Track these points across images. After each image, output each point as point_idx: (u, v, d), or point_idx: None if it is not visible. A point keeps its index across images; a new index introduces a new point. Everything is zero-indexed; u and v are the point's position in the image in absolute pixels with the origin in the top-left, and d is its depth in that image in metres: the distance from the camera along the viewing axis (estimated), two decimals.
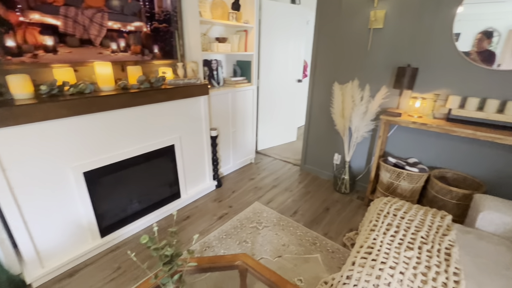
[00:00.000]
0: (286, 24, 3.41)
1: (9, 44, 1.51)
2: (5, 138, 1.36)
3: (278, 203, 2.49)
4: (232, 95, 2.81)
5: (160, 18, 2.20)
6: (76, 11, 1.72)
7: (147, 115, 1.99)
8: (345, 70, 2.55)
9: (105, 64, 1.83)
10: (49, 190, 1.57)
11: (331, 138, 2.86)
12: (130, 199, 2.07)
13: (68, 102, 1.54)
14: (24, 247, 1.52)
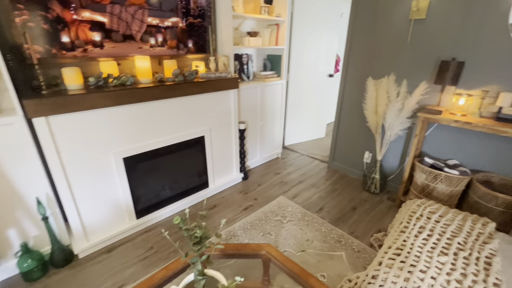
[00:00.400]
0: (319, 17, 3.32)
1: (64, 40, 1.68)
2: (59, 124, 1.53)
3: (304, 199, 2.48)
4: (261, 89, 2.83)
5: (195, 13, 2.28)
6: (121, 9, 1.86)
7: (180, 107, 2.09)
8: (381, 65, 2.43)
9: (144, 58, 1.95)
10: (94, 173, 1.74)
11: (362, 136, 2.75)
12: (163, 186, 2.21)
13: (112, 93, 1.68)
14: (73, 222, 1.71)
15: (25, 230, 1.61)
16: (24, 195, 1.56)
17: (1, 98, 1.57)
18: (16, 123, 1.44)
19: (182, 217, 0.87)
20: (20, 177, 1.52)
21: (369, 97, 2.42)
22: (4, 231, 1.54)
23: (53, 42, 1.65)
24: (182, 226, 0.86)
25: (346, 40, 2.64)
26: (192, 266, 0.86)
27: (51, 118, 1.49)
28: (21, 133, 1.47)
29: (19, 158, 1.50)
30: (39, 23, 1.57)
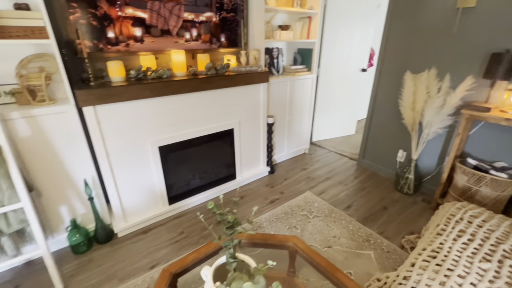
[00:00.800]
0: (353, 9, 3.18)
1: (110, 35, 1.82)
2: (104, 113, 1.67)
3: (331, 195, 2.44)
4: (291, 83, 2.81)
5: (228, 7, 2.32)
6: (160, 5, 1.95)
7: (212, 99, 2.16)
8: (421, 58, 2.28)
9: (179, 52, 2.04)
10: (133, 159, 1.87)
11: (396, 133, 2.62)
12: (193, 175, 2.31)
13: (150, 85, 1.78)
14: (114, 203, 1.86)
15: (74, 208, 1.80)
16: (73, 176, 1.73)
17: (56, 89, 1.75)
18: (69, 111, 1.60)
19: (216, 203, 0.91)
20: (71, 160, 1.69)
21: (406, 93, 2.29)
22: (58, 207, 1.73)
23: (100, 37, 1.79)
24: (215, 211, 0.90)
25: (383, 32, 2.51)
26: (224, 249, 0.90)
27: (98, 108, 1.63)
28: (72, 120, 1.62)
29: (70, 143, 1.66)
30: (89, 20, 1.71)
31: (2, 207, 1.32)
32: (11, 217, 1.37)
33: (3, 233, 1.37)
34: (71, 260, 1.73)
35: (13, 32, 1.39)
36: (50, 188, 1.67)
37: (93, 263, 1.71)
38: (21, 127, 1.48)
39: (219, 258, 0.97)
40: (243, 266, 0.91)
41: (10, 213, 1.36)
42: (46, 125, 1.55)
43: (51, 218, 1.72)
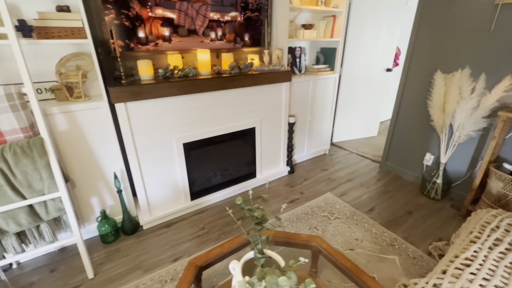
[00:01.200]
0: (380, 7, 3.09)
1: (140, 35, 1.89)
2: (134, 109, 1.74)
3: (352, 198, 2.38)
4: (313, 83, 2.78)
5: (253, 7, 2.34)
6: (187, 5, 2.00)
7: (235, 98, 2.18)
8: (453, 57, 2.17)
9: (205, 52, 2.08)
10: (159, 155, 1.94)
11: (423, 135, 2.51)
12: (215, 172, 2.35)
13: (177, 83, 1.83)
14: (140, 196, 1.94)
15: (104, 200, 1.89)
16: (104, 169, 1.82)
17: (90, 86, 1.85)
18: (102, 107, 1.68)
19: (243, 199, 0.92)
20: (102, 153, 1.78)
21: (436, 93, 2.19)
22: (89, 198, 1.82)
23: (131, 37, 1.86)
24: (244, 207, 0.91)
25: (412, 31, 2.41)
26: (251, 245, 0.92)
27: (128, 104, 1.70)
28: (105, 116, 1.71)
29: (102, 137, 1.75)
30: (122, 20, 1.79)
31: (43, 196, 1.42)
32: (50, 206, 1.47)
33: (42, 220, 1.47)
34: (100, 249, 1.83)
35: (55, 32, 1.49)
36: (83, 179, 1.76)
37: (120, 253, 1.79)
38: (60, 121, 1.58)
39: (245, 253, 0.98)
40: (270, 263, 0.92)
41: (49, 202, 1.46)
42: (81, 120, 1.65)
43: (83, 208, 1.83)
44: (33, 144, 1.35)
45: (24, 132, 1.36)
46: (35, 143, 1.35)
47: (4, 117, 1.29)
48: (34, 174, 1.37)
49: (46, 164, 1.38)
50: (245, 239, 1.30)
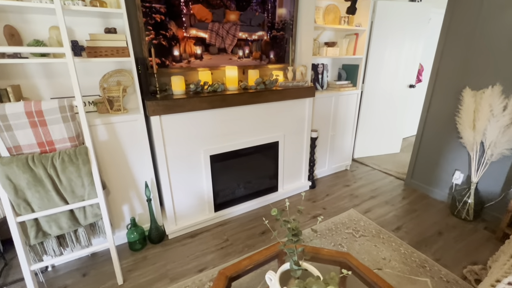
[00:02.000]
0: (402, 24, 3.13)
1: (175, 53, 2.03)
2: (167, 122, 1.84)
3: (377, 215, 2.32)
4: (335, 98, 2.81)
5: (278, 27, 2.45)
6: (219, 26, 2.14)
7: (260, 113, 2.25)
8: (482, 74, 2.14)
9: (232, 68, 2.18)
10: (187, 166, 2.01)
11: (451, 153, 2.44)
12: (238, 184, 2.39)
13: (207, 98, 1.93)
14: (168, 206, 2.00)
15: (134, 208, 1.97)
16: (136, 178, 1.91)
17: (128, 100, 1.99)
18: (139, 120, 1.80)
19: (278, 210, 0.95)
20: (135, 163, 1.88)
21: (465, 110, 2.15)
22: (121, 205, 1.91)
23: (167, 55, 2.00)
24: (279, 218, 0.94)
25: (437, 47, 2.42)
26: (287, 256, 0.93)
27: (163, 117, 1.81)
28: (140, 128, 1.82)
29: (136, 148, 1.85)
30: (160, 40, 1.94)
31: (83, 201, 1.51)
32: (88, 211, 1.55)
33: (80, 224, 1.56)
34: (128, 256, 1.88)
35: (103, 51, 1.64)
36: (117, 187, 1.86)
37: (147, 261, 1.84)
38: (101, 132, 1.70)
39: (270, 268, 0.99)
40: (306, 275, 0.92)
41: (87, 207, 1.55)
42: (119, 131, 1.76)
43: (115, 215, 1.91)
44: (79, 153, 1.45)
45: (72, 141, 1.48)
46: (81, 152, 1.46)
47: (56, 127, 1.41)
48: (77, 181, 1.47)
49: (89, 172, 1.48)
50: (273, 252, 1.30)
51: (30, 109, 1.34)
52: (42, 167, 1.37)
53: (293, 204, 2.52)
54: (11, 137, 1.34)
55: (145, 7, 1.82)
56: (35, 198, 1.39)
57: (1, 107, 1.29)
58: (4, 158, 1.32)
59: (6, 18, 1.53)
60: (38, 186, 1.39)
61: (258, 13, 2.29)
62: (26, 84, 1.65)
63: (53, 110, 1.38)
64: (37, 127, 1.38)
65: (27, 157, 1.35)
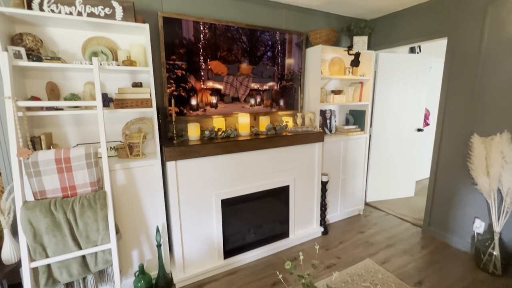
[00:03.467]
0: (404, 73, 3.32)
1: (193, 103, 2.20)
2: (182, 167, 1.92)
3: (396, 266, 2.18)
4: (344, 142, 2.87)
5: (287, 77, 2.66)
6: (233, 78, 2.35)
7: (271, 157, 2.31)
8: (489, 120, 2.18)
9: (245, 115, 2.32)
10: (198, 210, 2.02)
11: (468, 199, 2.37)
12: (248, 229, 2.35)
13: (220, 144, 2.02)
14: (177, 252, 1.97)
15: (143, 253, 1.94)
16: (148, 222, 1.92)
17: (146, 145, 2.11)
18: (155, 165, 1.88)
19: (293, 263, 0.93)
20: (149, 207, 1.91)
21: (476, 156, 2.15)
22: (131, 251, 1.89)
23: (185, 104, 2.18)
24: (293, 272, 0.92)
25: (441, 94, 2.52)
26: None
27: (178, 162, 1.89)
28: (157, 173, 1.89)
29: (152, 192, 1.90)
30: (180, 92, 2.13)
31: (95, 247, 1.52)
32: (99, 257, 1.55)
33: (90, 271, 1.54)
34: None
35: (129, 103, 1.81)
36: (128, 231, 1.86)
37: None
38: (119, 176, 1.78)
39: None
40: None
41: (99, 253, 1.55)
42: (136, 175, 1.84)
43: (124, 261, 1.88)
44: (98, 197, 1.51)
45: (92, 186, 1.55)
46: (100, 197, 1.52)
47: (80, 173, 1.51)
48: (93, 225, 1.50)
49: (105, 216, 1.52)
50: None
51: (59, 156, 1.45)
52: (63, 212, 1.43)
53: (305, 252, 2.42)
54: (39, 182, 1.43)
55: (169, 64, 2.05)
56: (52, 243, 1.42)
57: (35, 155, 1.40)
58: (29, 203, 1.39)
59: (50, 76, 1.75)
60: (56, 231, 1.42)
61: (269, 66, 2.52)
62: (57, 132, 1.81)
63: (79, 157, 1.49)
64: (63, 172, 1.47)
65: (50, 202, 1.42)
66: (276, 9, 2.54)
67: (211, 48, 2.20)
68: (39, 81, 1.71)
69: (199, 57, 2.16)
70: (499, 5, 2.05)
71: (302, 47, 2.68)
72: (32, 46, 1.57)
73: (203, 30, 2.14)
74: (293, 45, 2.63)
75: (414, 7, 2.67)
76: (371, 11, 2.85)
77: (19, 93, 1.56)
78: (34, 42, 1.58)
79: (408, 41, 2.78)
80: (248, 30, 2.34)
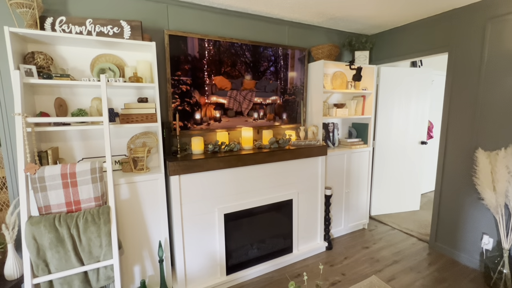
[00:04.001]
0: (406, 86, 3.34)
1: (196, 117, 2.23)
2: (185, 181, 1.92)
3: (403, 284, 2.12)
4: (348, 156, 2.86)
5: (290, 92, 2.69)
6: (237, 93, 2.38)
7: (273, 171, 2.31)
8: (492, 135, 2.17)
9: (248, 129, 2.34)
10: (201, 224, 2.01)
11: (474, 214, 2.32)
12: (251, 244, 2.32)
13: (224, 158, 2.03)
14: (179, 267, 1.94)
15: (145, 269, 1.92)
16: (151, 237, 1.92)
17: (150, 159, 2.13)
18: (159, 179, 1.89)
19: (296, 283, 0.92)
20: (152, 222, 1.91)
21: (481, 171, 2.13)
22: (133, 266, 1.87)
23: (189, 119, 2.21)
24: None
25: (443, 108, 2.53)
26: None
27: (182, 176, 1.90)
28: (160, 187, 1.90)
29: (155, 206, 1.90)
30: (184, 106, 2.16)
31: (97, 262, 1.52)
32: (101, 273, 1.54)
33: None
34: None
35: (134, 118, 1.84)
36: (131, 246, 1.85)
37: None
38: (123, 191, 1.79)
39: None
40: None
41: (101, 269, 1.54)
42: (140, 190, 1.85)
43: (125, 277, 1.86)
44: (102, 212, 1.52)
45: (96, 201, 1.56)
46: (103, 212, 1.53)
47: (85, 187, 1.52)
48: (96, 241, 1.50)
49: (108, 232, 1.52)
50: None
51: (65, 171, 1.47)
52: (66, 227, 1.43)
53: (309, 268, 2.37)
54: (44, 197, 1.44)
55: (174, 79, 2.10)
56: (54, 258, 1.42)
57: (41, 170, 1.42)
58: (34, 218, 1.40)
59: (59, 92, 1.80)
60: (59, 247, 1.42)
61: (272, 81, 2.56)
62: (64, 146, 1.84)
63: (85, 172, 1.51)
64: (68, 187, 1.48)
65: (54, 217, 1.43)
66: (279, 25, 2.60)
67: (215, 63, 2.25)
68: (48, 97, 1.76)
69: (203, 73, 2.21)
70: (498, 22, 2.09)
71: (304, 61, 2.73)
72: (43, 64, 1.63)
73: (208, 47, 2.20)
74: (296, 60, 2.68)
75: (415, 23, 2.72)
76: (372, 27, 2.91)
77: (28, 109, 1.60)
78: (45, 60, 1.64)
79: (410, 56, 2.82)
80: (251, 46, 2.40)
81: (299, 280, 2.20)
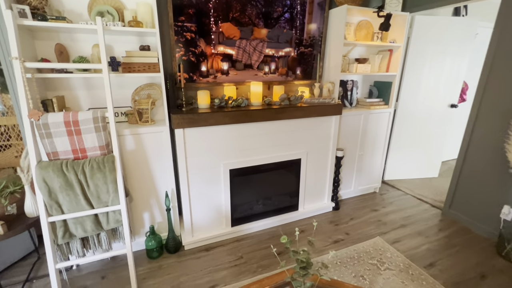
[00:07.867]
0: (443, 40, 2.91)
1: (202, 69, 2.11)
2: (190, 135, 1.89)
3: (407, 247, 2.11)
4: (365, 117, 2.67)
5: (306, 43, 2.43)
6: (246, 43, 2.19)
7: (282, 129, 2.21)
8: None
9: (257, 84, 2.20)
10: (206, 178, 2.03)
11: (498, 183, 2.15)
12: (257, 200, 2.35)
13: (230, 113, 1.95)
14: (186, 216, 2.03)
15: (154, 216, 2.03)
16: (157, 188, 1.98)
17: (156, 112, 2.09)
18: (164, 131, 1.87)
19: (289, 238, 0.89)
20: (158, 173, 1.95)
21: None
22: (142, 213, 1.98)
23: (195, 70, 2.09)
24: (288, 246, 0.88)
25: (484, 64, 2.19)
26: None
27: (186, 130, 1.86)
28: (165, 139, 1.89)
29: (161, 158, 1.92)
30: (189, 57, 2.03)
31: (106, 207, 1.60)
32: (111, 217, 1.63)
33: (103, 229, 1.64)
34: (145, 263, 1.93)
35: (137, 67, 1.76)
36: (139, 195, 1.93)
37: (162, 270, 1.86)
38: (128, 142, 1.80)
39: None
40: None
41: (110, 213, 1.63)
42: (145, 141, 1.85)
43: (135, 222, 1.98)
44: (107, 161, 1.55)
45: (101, 150, 1.58)
46: (108, 160, 1.55)
47: (89, 136, 1.53)
48: (103, 187, 1.56)
49: (114, 179, 1.57)
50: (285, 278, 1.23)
51: (68, 119, 1.47)
52: (74, 173, 1.48)
53: (312, 226, 2.39)
54: (51, 144, 1.48)
55: (177, 26, 1.93)
56: (66, 201, 1.50)
57: (45, 116, 1.43)
58: (42, 163, 1.45)
59: (58, 37, 1.72)
60: (69, 190, 1.49)
61: (286, 30, 2.30)
62: (69, 95, 1.83)
63: (87, 120, 1.50)
64: (73, 135, 1.50)
65: (61, 163, 1.48)
66: None
67: (222, 8, 2.03)
68: (48, 43, 1.70)
69: (209, 18, 2.01)
70: None
71: (324, 7, 2.40)
72: (37, 4, 1.53)
73: None
74: (315, 5, 2.36)
75: None
76: None
77: (29, 55, 1.56)
78: (39, 1, 1.54)
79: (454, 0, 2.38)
80: None
81: (302, 235, 2.24)
